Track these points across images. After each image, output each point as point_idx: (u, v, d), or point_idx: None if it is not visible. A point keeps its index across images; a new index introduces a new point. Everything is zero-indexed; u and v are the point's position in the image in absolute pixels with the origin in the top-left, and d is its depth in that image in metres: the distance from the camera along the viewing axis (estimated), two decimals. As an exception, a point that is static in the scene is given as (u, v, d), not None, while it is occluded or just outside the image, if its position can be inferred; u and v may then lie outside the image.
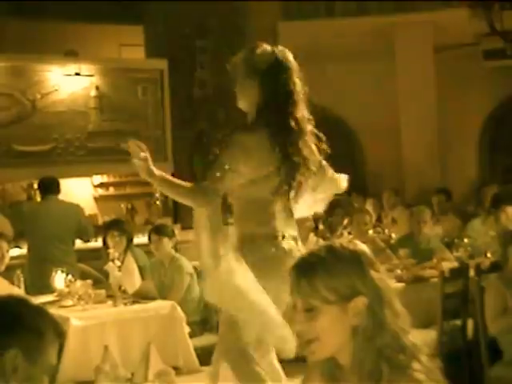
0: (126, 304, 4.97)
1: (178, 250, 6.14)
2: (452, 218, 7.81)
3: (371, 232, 6.85)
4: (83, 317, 4.75)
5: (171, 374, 4.42)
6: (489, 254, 5.78)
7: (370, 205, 8.61)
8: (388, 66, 10.36)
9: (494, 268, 4.87)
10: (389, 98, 10.47)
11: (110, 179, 9.85)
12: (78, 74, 8.18)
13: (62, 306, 4.98)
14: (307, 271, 1.81)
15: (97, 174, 9.38)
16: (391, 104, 10.37)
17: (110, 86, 8.36)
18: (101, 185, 9.84)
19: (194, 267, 6.04)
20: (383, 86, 10.69)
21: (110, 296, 5.07)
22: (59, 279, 5.25)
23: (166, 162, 8.45)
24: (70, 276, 5.26)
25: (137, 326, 4.90)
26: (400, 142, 10.30)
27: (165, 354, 4.78)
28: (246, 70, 3.44)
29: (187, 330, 5.13)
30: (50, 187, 6.80)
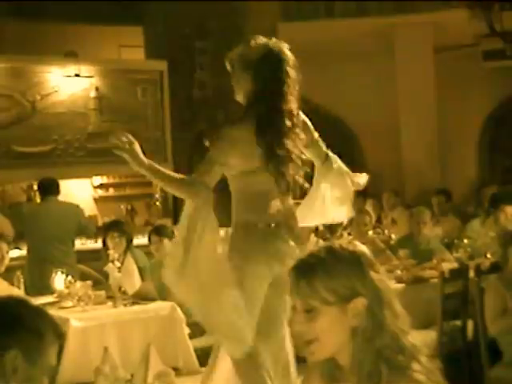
0: (125, 305, 4.96)
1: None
2: (452, 218, 7.81)
3: (371, 233, 6.85)
4: (83, 318, 4.74)
5: (171, 375, 4.41)
6: (488, 255, 5.78)
7: (369, 205, 8.60)
8: (388, 67, 10.35)
9: (493, 269, 4.87)
10: (389, 99, 10.46)
11: (110, 180, 9.85)
12: (77, 75, 8.18)
13: (62, 307, 4.98)
14: (307, 272, 1.81)
15: (97, 175, 9.38)
16: (391, 104, 10.37)
17: (109, 87, 8.36)
18: (101, 186, 9.83)
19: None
20: (383, 87, 10.69)
21: (109, 297, 5.07)
22: (59, 280, 5.24)
23: (166, 163, 8.45)
24: (69, 277, 5.25)
25: (137, 327, 4.89)
26: (400, 143, 10.30)
27: (165, 355, 4.77)
28: (240, 63, 3.44)
29: (187, 331, 5.12)
30: (49, 188, 6.80)
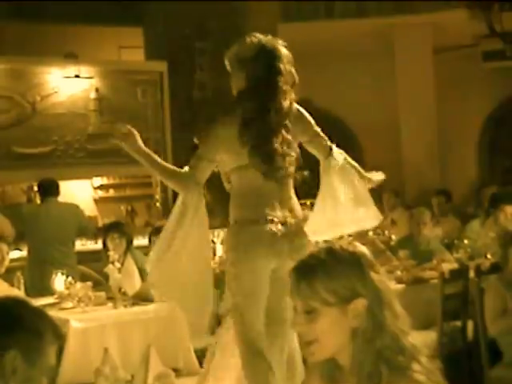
0: (126, 306, 4.96)
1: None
2: (452, 219, 7.82)
3: (371, 233, 6.84)
4: (83, 319, 4.73)
5: (171, 376, 4.42)
6: (489, 255, 5.78)
7: (369, 206, 8.58)
8: (387, 67, 10.35)
9: (493, 269, 4.87)
10: (388, 100, 10.47)
11: (110, 181, 9.84)
12: (77, 76, 8.17)
13: (62, 308, 4.97)
14: (307, 273, 1.81)
15: (97, 176, 9.37)
16: (391, 105, 10.37)
17: (109, 88, 8.35)
18: (101, 187, 9.83)
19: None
20: (383, 87, 10.69)
21: (109, 298, 5.06)
22: (59, 281, 5.24)
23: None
24: (70, 278, 5.25)
25: (137, 328, 4.89)
26: (400, 144, 10.30)
27: (165, 356, 4.78)
28: (235, 62, 3.45)
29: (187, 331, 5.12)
30: (49, 189, 6.80)
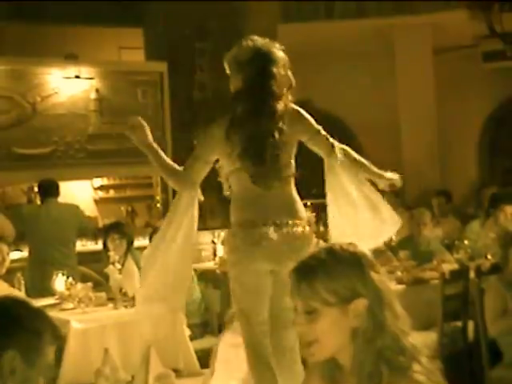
0: (126, 307, 4.96)
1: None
2: (452, 219, 7.81)
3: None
4: (84, 319, 4.73)
5: (171, 377, 4.42)
6: (489, 256, 5.78)
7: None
8: (387, 68, 10.35)
9: (494, 270, 4.87)
10: (388, 100, 10.46)
11: (111, 182, 9.84)
12: (77, 76, 8.17)
13: (63, 309, 4.97)
14: (307, 273, 1.81)
15: (97, 176, 9.37)
16: (391, 106, 10.36)
17: (109, 89, 8.35)
18: (101, 187, 9.83)
19: (194, 269, 6.03)
20: (383, 88, 10.68)
21: (110, 299, 5.06)
22: (60, 282, 5.24)
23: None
24: (70, 279, 5.25)
25: (137, 329, 4.90)
26: (400, 144, 10.29)
27: (165, 357, 4.78)
28: (233, 65, 3.47)
29: (188, 332, 5.12)
30: (49, 190, 6.80)
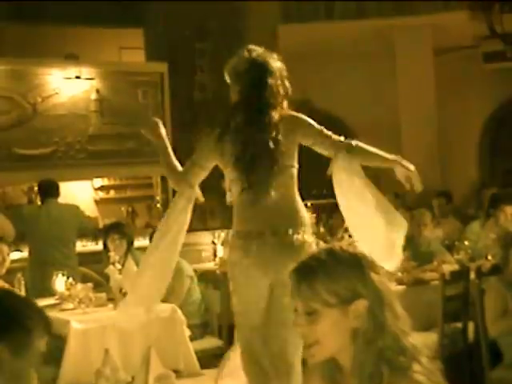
0: (126, 307, 4.96)
1: (178, 253, 6.13)
2: (452, 220, 7.81)
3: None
4: (84, 320, 4.74)
5: (172, 378, 4.43)
6: (489, 257, 5.77)
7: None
8: (388, 68, 10.35)
9: (494, 270, 4.87)
10: (389, 100, 10.46)
11: (111, 182, 9.84)
12: (78, 77, 8.17)
13: (63, 310, 4.98)
14: (308, 274, 1.81)
15: (97, 177, 9.37)
16: (391, 106, 10.36)
17: (110, 89, 8.35)
18: (101, 188, 9.83)
19: (195, 270, 6.04)
20: (383, 88, 10.68)
21: (110, 299, 5.06)
22: (60, 282, 5.24)
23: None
24: (70, 279, 5.25)
25: (137, 330, 4.89)
26: (400, 145, 10.28)
27: (165, 358, 4.78)
28: (232, 76, 3.50)
29: (188, 333, 5.12)
30: (49, 190, 6.80)
